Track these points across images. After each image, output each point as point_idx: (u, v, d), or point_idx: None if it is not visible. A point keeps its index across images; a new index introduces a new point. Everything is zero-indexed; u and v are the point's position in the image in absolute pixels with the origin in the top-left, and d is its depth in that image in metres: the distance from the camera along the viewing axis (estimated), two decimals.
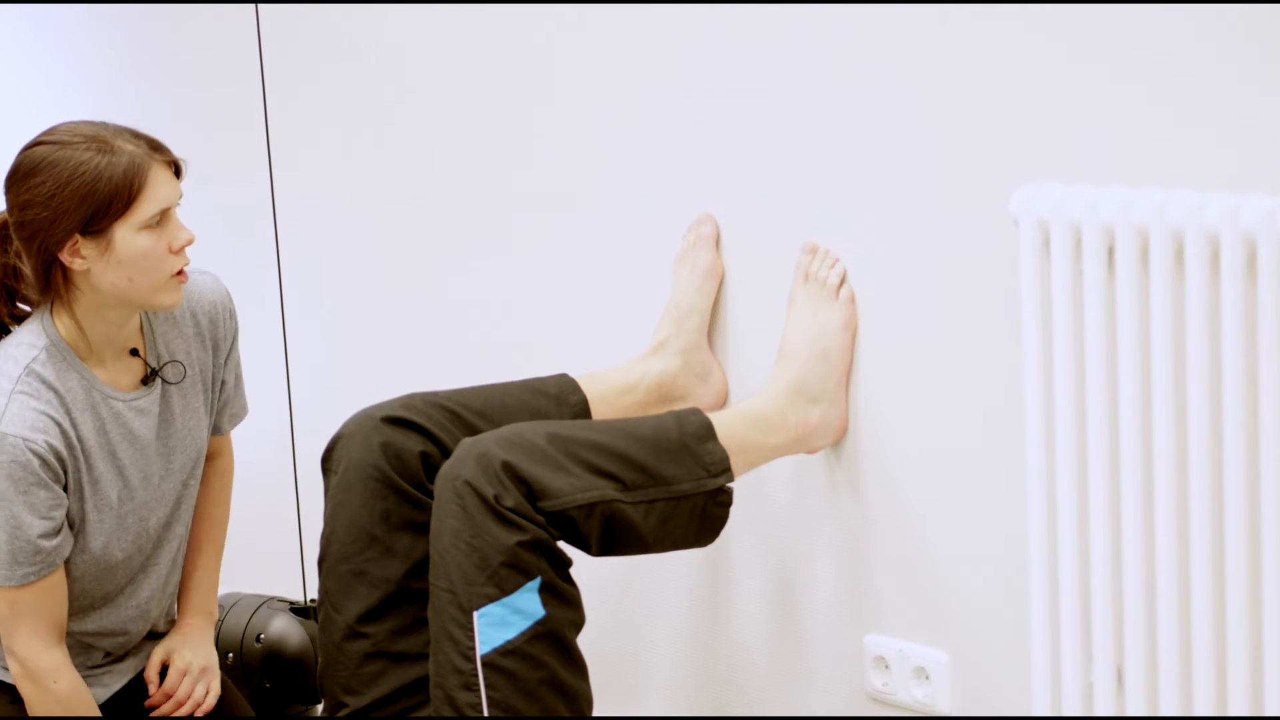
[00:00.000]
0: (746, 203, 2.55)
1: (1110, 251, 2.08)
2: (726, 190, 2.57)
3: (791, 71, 2.45)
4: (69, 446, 2.34)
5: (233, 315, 2.54)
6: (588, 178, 2.73)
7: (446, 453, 2.31)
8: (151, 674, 2.53)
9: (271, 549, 3.24)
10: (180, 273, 2.35)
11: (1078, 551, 2.15)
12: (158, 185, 2.31)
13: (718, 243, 2.58)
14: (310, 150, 3.12)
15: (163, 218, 2.32)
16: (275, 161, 3.15)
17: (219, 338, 2.51)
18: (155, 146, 2.34)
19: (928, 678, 2.48)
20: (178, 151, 2.38)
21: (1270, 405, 1.97)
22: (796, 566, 2.60)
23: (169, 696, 2.53)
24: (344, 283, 3.12)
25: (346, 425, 2.37)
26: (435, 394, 2.39)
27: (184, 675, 2.53)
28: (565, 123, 2.74)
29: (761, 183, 2.52)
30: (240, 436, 2.70)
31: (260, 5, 3.10)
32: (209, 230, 3.29)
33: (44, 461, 2.30)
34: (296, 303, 3.19)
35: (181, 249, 2.34)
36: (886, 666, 2.52)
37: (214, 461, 2.62)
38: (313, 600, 2.90)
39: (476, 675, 2.15)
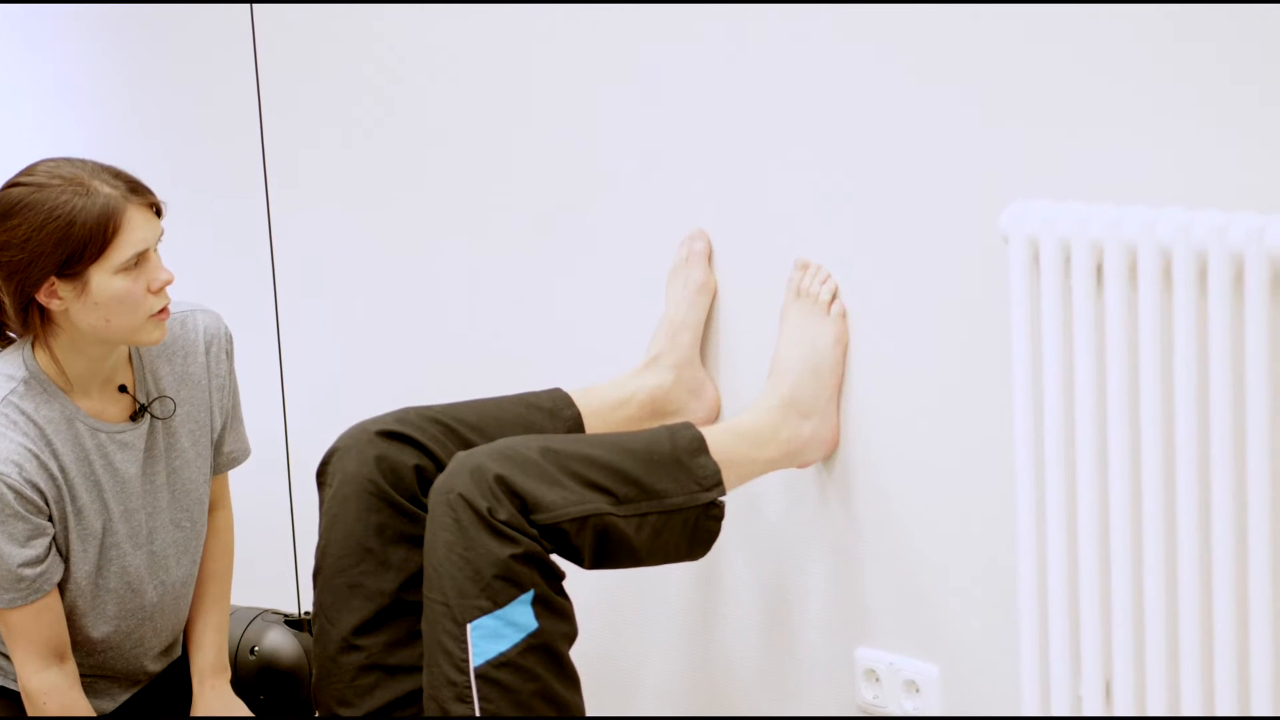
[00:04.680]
0: (739, 218, 2.56)
1: (1099, 268, 2.09)
2: (719, 206, 2.58)
3: (784, 87, 2.46)
4: (50, 478, 2.33)
5: (229, 355, 2.53)
6: (581, 193, 2.74)
7: (440, 466, 2.32)
8: None
9: (266, 562, 3.25)
10: (162, 311, 2.33)
11: (1066, 565, 2.16)
12: (134, 228, 2.28)
13: (710, 258, 2.59)
14: (306, 162, 3.13)
15: (140, 259, 2.29)
16: (270, 174, 3.16)
17: (212, 375, 2.50)
18: (134, 188, 2.30)
19: (918, 690, 2.49)
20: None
21: (1257, 421, 1.98)
22: (788, 580, 2.61)
23: None
24: (339, 296, 3.13)
25: (341, 439, 2.38)
26: (429, 408, 2.40)
27: None
28: (559, 139, 2.75)
29: (754, 198, 2.53)
30: None
31: (255, 12, 3.11)
32: (204, 242, 3.31)
33: (18, 494, 2.29)
34: (292, 316, 3.20)
35: (161, 289, 2.32)
36: (877, 679, 2.53)
37: (212, 513, 2.60)
38: (307, 613, 2.90)
39: (470, 687, 2.16)
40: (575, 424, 2.49)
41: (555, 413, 2.48)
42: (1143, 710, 2.13)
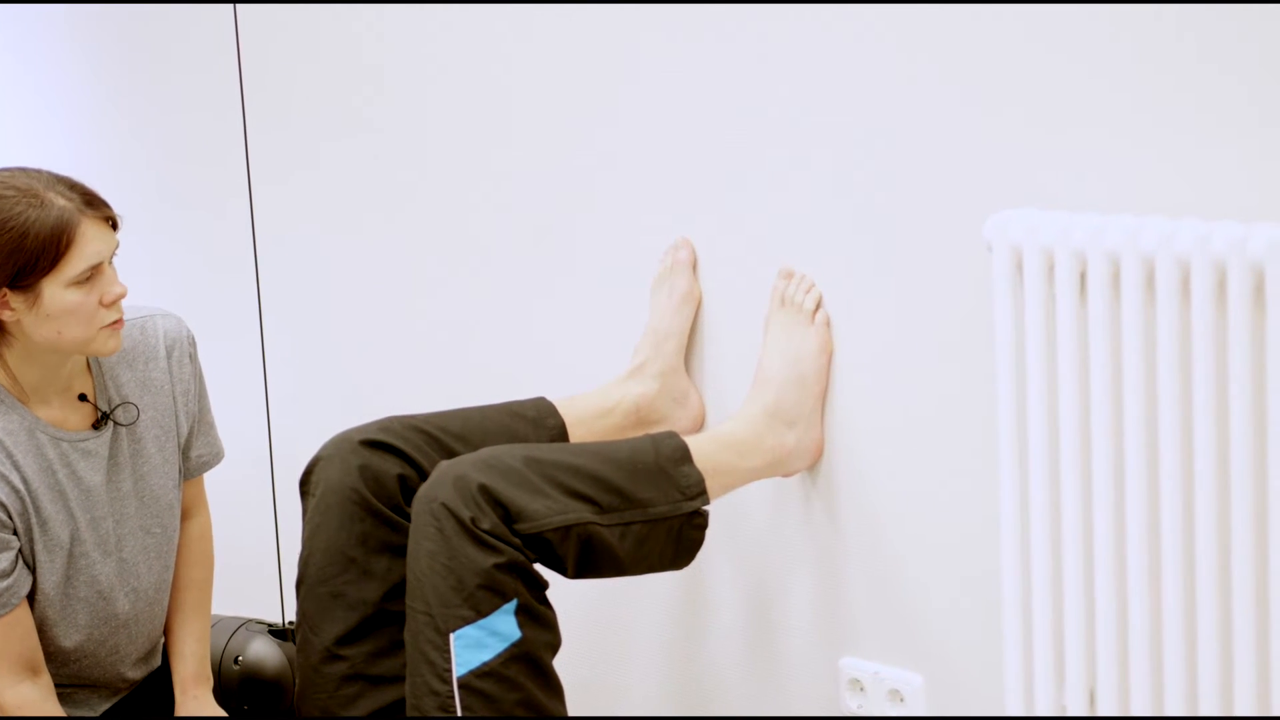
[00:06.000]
0: (723, 227, 2.56)
1: (1083, 276, 2.09)
2: (703, 215, 2.58)
3: (768, 96, 2.47)
4: (12, 490, 2.32)
5: (193, 358, 2.52)
6: (566, 203, 2.74)
7: (424, 475, 2.32)
8: None
9: (250, 571, 3.25)
10: (115, 323, 2.32)
11: (1051, 574, 2.17)
12: (87, 242, 2.26)
13: (695, 267, 2.60)
14: (290, 175, 3.13)
15: (94, 272, 2.28)
16: (255, 182, 3.16)
17: (175, 379, 2.50)
18: (90, 201, 2.28)
19: (902, 700, 2.49)
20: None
21: (1240, 429, 1.99)
22: (772, 589, 2.61)
23: None
24: (323, 305, 3.13)
25: (325, 448, 2.37)
26: (413, 417, 2.40)
27: None
28: (543, 148, 2.75)
29: (738, 208, 2.54)
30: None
31: (239, 15, 3.11)
32: (188, 249, 3.31)
33: None
34: (276, 325, 3.19)
35: (114, 302, 2.30)
36: (862, 689, 2.53)
37: (188, 520, 2.59)
38: (291, 622, 2.90)
39: (453, 697, 2.15)
40: (559, 433, 2.49)
41: (539, 421, 2.48)
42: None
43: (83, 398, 2.40)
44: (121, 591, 2.46)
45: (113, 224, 2.31)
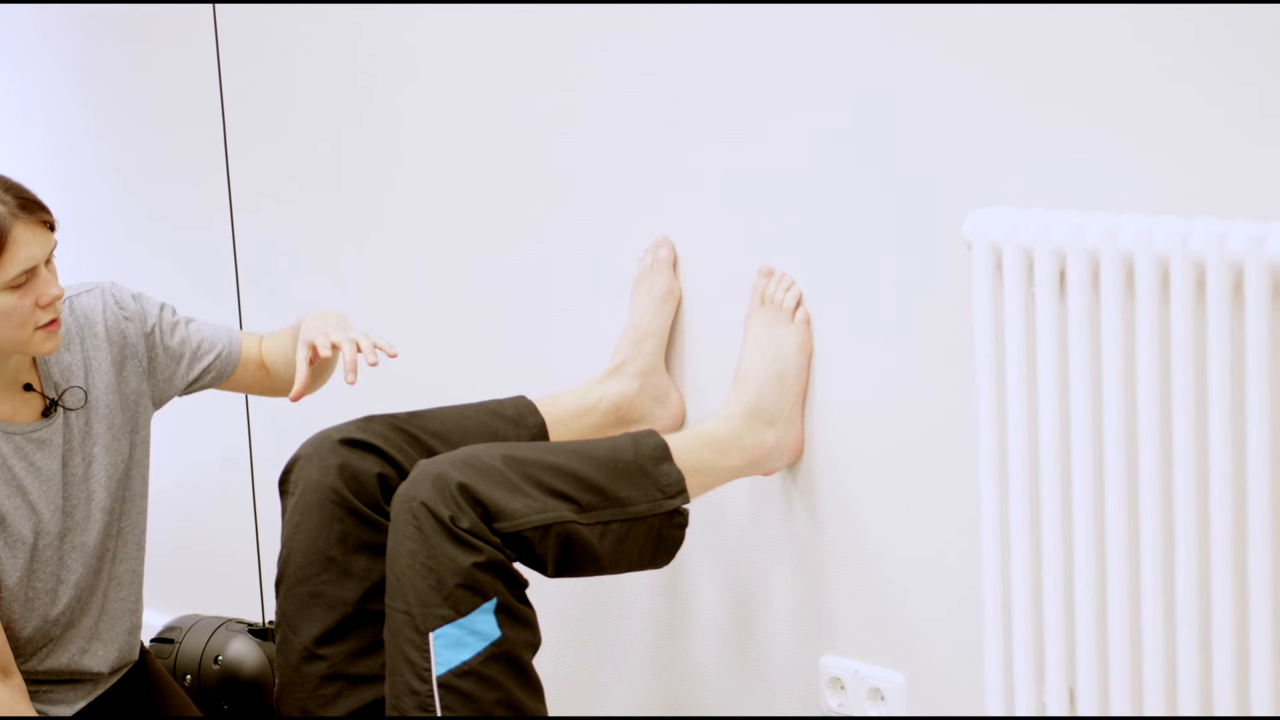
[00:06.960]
0: (703, 226, 2.56)
1: (1062, 274, 2.09)
2: (684, 214, 2.58)
3: (748, 95, 2.47)
4: None
5: (135, 298, 2.47)
6: (547, 201, 2.74)
7: (404, 474, 2.31)
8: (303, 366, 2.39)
9: (230, 571, 3.24)
10: (52, 323, 2.30)
11: (1031, 572, 2.17)
12: (20, 246, 2.24)
13: (675, 266, 2.59)
14: (270, 172, 3.12)
15: (29, 276, 2.26)
16: (234, 187, 3.16)
17: (122, 345, 2.46)
18: (25, 205, 2.26)
19: (883, 699, 2.49)
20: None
21: (1219, 426, 1.99)
22: (753, 588, 2.61)
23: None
24: (303, 303, 3.12)
25: (304, 447, 2.37)
26: (393, 416, 2.39)
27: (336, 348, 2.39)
28: (524, 147, 2.75)
29: (718, 206, 2.53)
30: (198, 457, 2.69)
31: (220, 41, 3.11)
32: (169, 250, 3.31)
33: None
34: (256, 323, 3.19)
35: (50, 304, 2.29)
36: (842, 687, 2.53)
37: (268, 374, 2.56)
38: (271, 622, 2.90)
39: (433, 696, 2.15)
40: (539, 432, 2.48)
41: (519, 420, 2.48)
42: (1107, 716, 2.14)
43: (29, 388, 2.39)
44: (86, 577, 2.45)
45: (50, 226, 2.29)
